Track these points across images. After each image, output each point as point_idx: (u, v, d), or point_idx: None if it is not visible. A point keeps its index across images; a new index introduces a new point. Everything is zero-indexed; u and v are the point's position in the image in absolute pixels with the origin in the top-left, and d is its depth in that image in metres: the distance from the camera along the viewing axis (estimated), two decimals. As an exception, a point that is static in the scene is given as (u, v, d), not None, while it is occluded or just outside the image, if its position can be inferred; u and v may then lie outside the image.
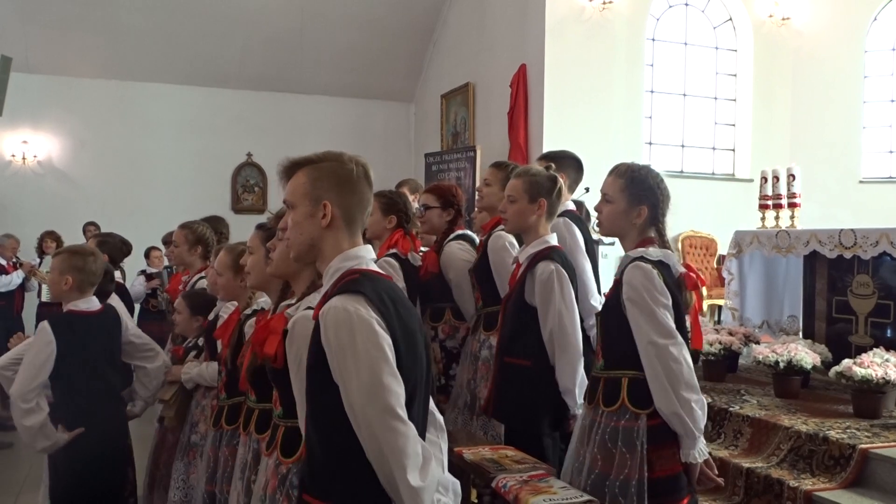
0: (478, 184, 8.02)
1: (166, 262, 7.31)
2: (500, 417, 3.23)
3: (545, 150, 7.24)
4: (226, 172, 10.71)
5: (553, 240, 3.20)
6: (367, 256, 1.91)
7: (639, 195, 2.63)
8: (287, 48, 10.10)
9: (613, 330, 2.61)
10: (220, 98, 10.53)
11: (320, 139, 10.78)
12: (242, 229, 4.85)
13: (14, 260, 7.78)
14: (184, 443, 3.52)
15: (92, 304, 3.46)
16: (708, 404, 2.95)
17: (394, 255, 3.76)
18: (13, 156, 9.78)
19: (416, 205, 4.29)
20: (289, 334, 1.99)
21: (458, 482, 1.95)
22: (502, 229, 3.55)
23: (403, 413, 1.72)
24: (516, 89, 8.18)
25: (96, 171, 10.06)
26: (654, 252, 2.57)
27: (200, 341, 3.66)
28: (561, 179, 3.22)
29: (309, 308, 2.01)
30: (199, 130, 10.43)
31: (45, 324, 3.33)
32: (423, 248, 3.98)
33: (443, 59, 10.37)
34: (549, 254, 3.10)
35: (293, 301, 2.43)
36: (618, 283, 2.61)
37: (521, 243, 3.54)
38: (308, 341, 1.82)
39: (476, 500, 2.97)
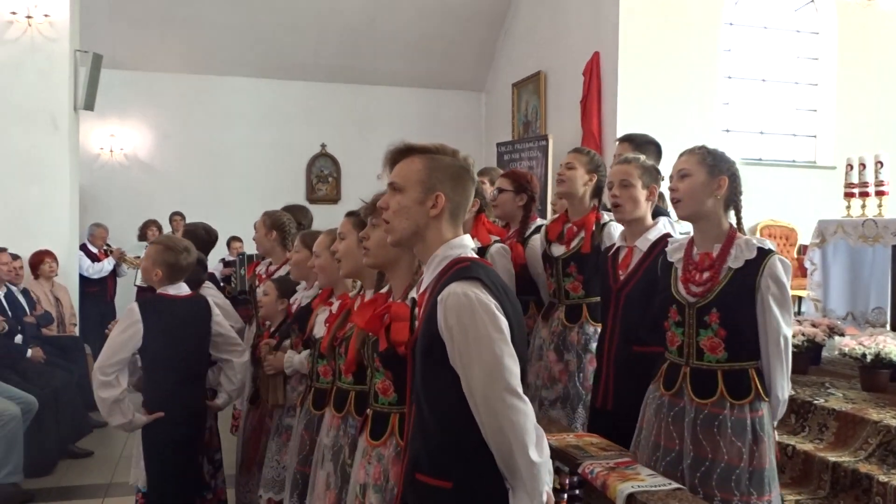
0: (551, 172, 8.05)
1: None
2: (624, 408, 3.01)
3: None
4: (300, 163, 10.94)
5: (666, 226, 3.14)
6: (469, 246, 1.97)
7: (717, 166, 2.61)
8: (359, 39, 10.24)
9: (734, 321, 2.52)
10: (294, 90, 10.76)
11: (392, 130, 10.92)
12: (316, 219, 4.99)
13: (105, 248, 8.14)
14: (278, 425, 3.64)
15: (181, 289, 3.58)
16: (791, 397, 2.94)
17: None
18: (101, 149, 10.20)
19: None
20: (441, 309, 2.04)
21: (550, 462, 1.99)
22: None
23: (521, 391, 1.80)
24: (589, 77, 8.11)
25: (178, 163, 10.41)
26: (770, 243, 2.58)
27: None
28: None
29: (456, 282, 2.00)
30: (275, 122, 10.68)
31: (133, 304, 3.47)
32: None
33: (514, 47, 10.35)
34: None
35: (385, 288, 2.49)
36: (746, 275, 2.52)
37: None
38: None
39: (558, 486, 3.00)
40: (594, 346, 3.45)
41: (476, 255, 1.98)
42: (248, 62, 10.34)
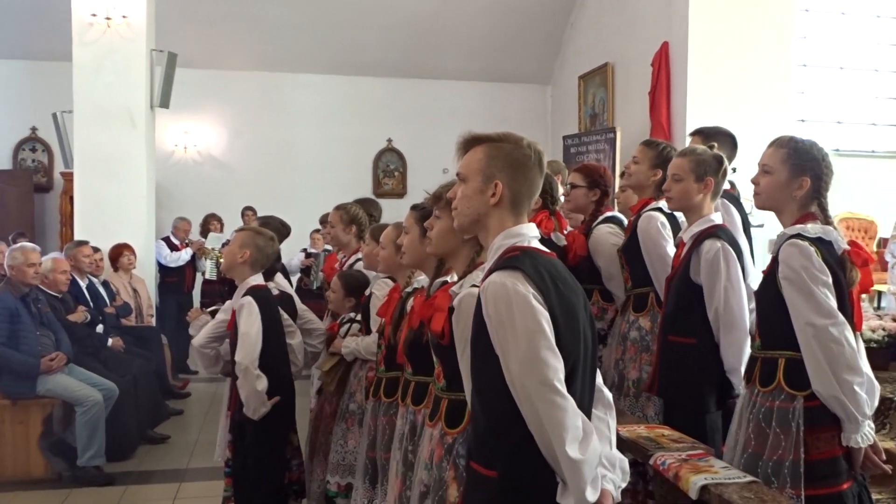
0: (618, 165, 7.95)
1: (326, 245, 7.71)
2: (665, 395, 3.20)
3: (689, 129, 7.06)
4: (367, 158, 11.07)
5: (718, 218, 3.14)
6: (529, 234, 1.95)
7: (801, 166, 2.54)
8: (424, 34, 10.29)
9: (769, 309, 2.56)
10: (361, 86, 10.89)
11: (457, 124, 10.87)
12: (384, 212, 5.04)
13: (187, 241, 8.42)
14: (342, 410, 3.72)
15: (259, 280, 3.69)
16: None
17: None
18: (175, 146, 10.52)
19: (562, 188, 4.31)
20: (455, 311, 2.07)
21: (626, 460, 1.96)
22: (652, 209, 3.51)
23: (562, 386, 1.76)
24: (658, 68, 7.97)
25: (249, 159, 10.67)
26: (812, 228, 2.49)
27: (357, 317, 3.84)
28: (726, 159, 3.16)
29: (474, 286, 2.08)
30: (342, 118, 10.83)
31: (248, 298, 3.56)
32: (567, 228, 3.99)
33: (580, 39, 10.25)
34: (715, 232, 3.04)
35: (447, 278, 2.52)
36: (775, 262, 2.54)
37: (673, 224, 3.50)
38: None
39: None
40: (633, 334, 3.53)
41: (538, 245, 1.97)
42: (316, 59, 10.51)
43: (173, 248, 8.39)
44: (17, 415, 5.12)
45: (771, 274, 2.55)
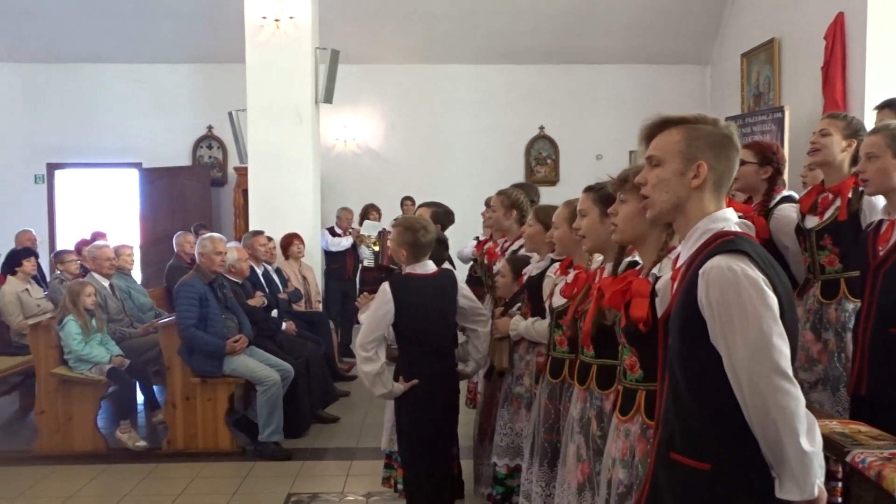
0: (787, 145, 7.52)
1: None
2: (877, 395, 2.86)
3: (868, 105, 6.56)
4: (519, 146, 11.08)
5: None
6: (732, 219, 1.89)
7: None
8: (575, 19, 10.14)
9: None
10: (511, 74, 10.90)
11: (611, 109, 10.78)
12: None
13: (349, 230, 8.81)
14: (508, 393, 3.77)
15: (427, 267, 3.76)
16: None
17: None
18: (336, 139, 10.98)
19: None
20: (660, 297, 2.02)
21: (822, 454, 1.88)
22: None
23: (791, 374, 1.69)
24: (832, 41, 7.45)
25: (404, 150, 10.96)
26: None
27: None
28: None
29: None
30: (494, 106, 10.89)
31: (385, 284, 3.70)
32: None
33: (742, 15, 9.75)
34: None
35: (634, 258, 2.48)
36: None
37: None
38: None
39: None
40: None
41: (741, 230, 1.89)
42: (468, 49, 10.62)
43: (336, 236, 8.79)
44: (206, 392, 5.55)
45: None
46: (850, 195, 3.30)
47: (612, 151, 10.68)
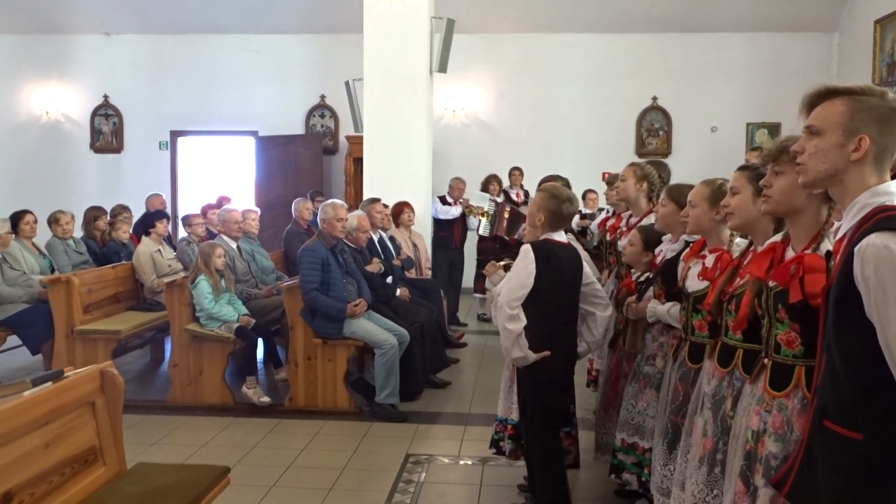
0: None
1: (601, 204, 7.74)
2: None
3: None
4: (630, 117, 10.87)
5: None
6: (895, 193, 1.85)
7: None
8: (695, -15, 9.84)
9: None
10: (625, 43, 10.68)
11: (728, 79, 10.42)
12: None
13: (460, 200, 8.87)
14: (636, 370, 3.74)
15: (562, 237, 3.76)
16: None
17: None
18: (445, 109, 11.04)
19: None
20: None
21: None
22: None
23: None
24: (982, 6, 6.96)
25: (512, 120, 10.93)
26: None
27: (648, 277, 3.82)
28: None
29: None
30: (605, 76, 10.72)
31: (527, 246, 3.68)
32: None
33: (878, -21, 9.20)
34: None
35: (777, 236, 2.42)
36: None
37: None
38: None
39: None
40: None
41: None
42: (580, 18, 10.45)
43: (446, 205, 8.87)
44: (327, 353, 5.75)
45: None
46: None
47: (728, 124, 10.35)
